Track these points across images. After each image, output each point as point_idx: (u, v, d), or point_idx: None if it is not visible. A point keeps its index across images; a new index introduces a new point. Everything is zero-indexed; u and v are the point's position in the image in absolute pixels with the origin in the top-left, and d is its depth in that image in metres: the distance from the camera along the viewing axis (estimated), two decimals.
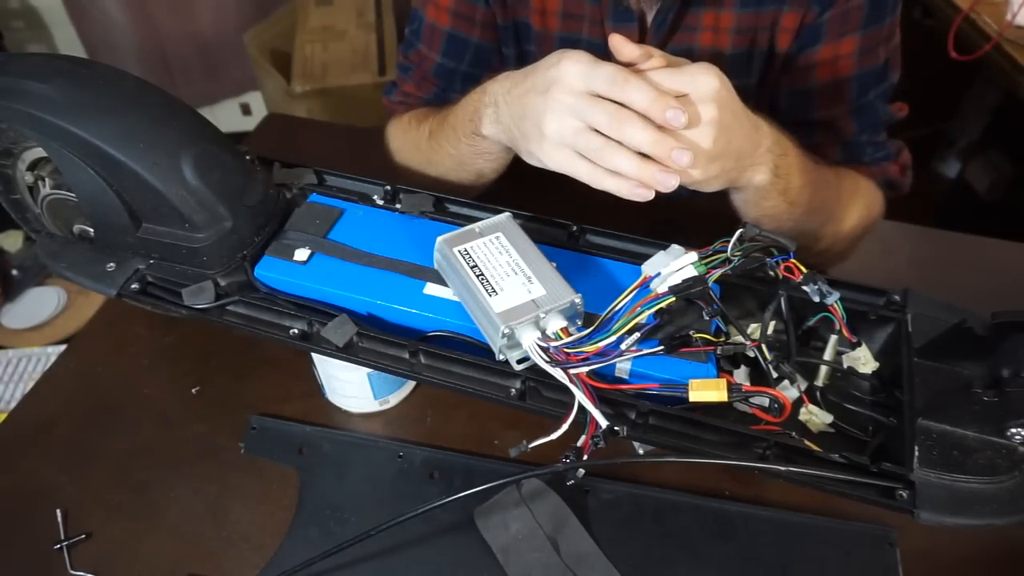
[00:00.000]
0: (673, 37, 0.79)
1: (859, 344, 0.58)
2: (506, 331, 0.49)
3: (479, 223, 0.56)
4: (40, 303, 1.78)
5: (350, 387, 0.66)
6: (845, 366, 0.58)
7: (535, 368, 0.50)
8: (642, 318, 0.49)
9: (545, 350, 0.49)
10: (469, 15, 0.83)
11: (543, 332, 0.50)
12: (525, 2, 0.82)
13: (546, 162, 0.57)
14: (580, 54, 0.55)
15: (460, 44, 0.84)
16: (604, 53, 0.83)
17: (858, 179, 0.77)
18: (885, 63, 0.78)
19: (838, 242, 0.76)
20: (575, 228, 0.63)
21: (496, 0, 0.83)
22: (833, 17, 0.74)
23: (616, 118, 0.53)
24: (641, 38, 0.81)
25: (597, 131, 0.54)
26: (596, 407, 0.47)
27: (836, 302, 0.54)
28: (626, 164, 0.54)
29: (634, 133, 0.53)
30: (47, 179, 0.62)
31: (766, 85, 0.81)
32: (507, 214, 0.58)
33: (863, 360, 0.58)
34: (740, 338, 0.53)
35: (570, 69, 0.55)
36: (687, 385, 0.50)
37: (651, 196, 0.55)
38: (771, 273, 0.55)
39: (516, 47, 0.87)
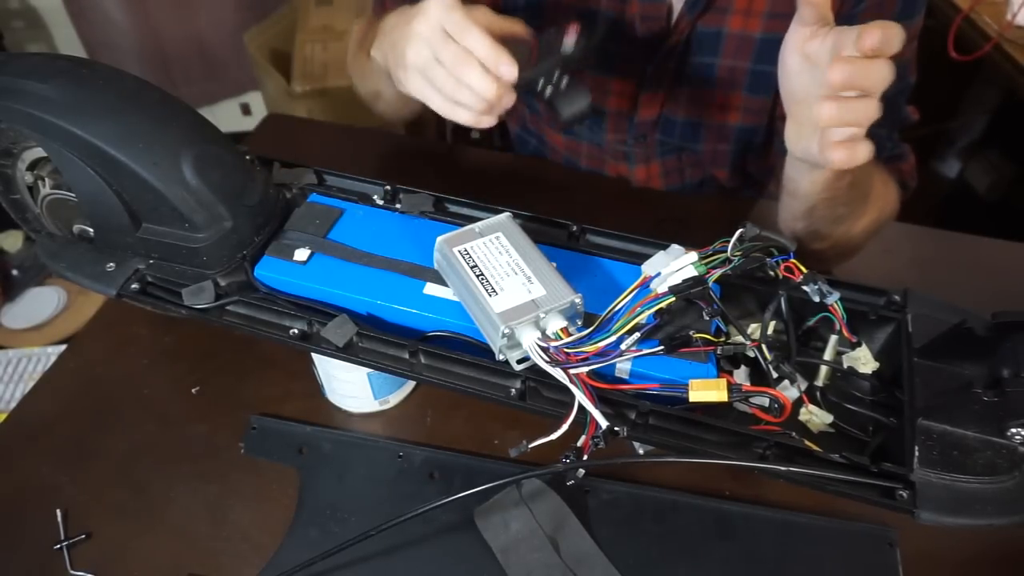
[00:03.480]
0: (703, 18, 0.79)
1: (859, 344, 0.58)
2: (506, 331, 0.49)
3: (479, 223, 0.56)
4: (40, 303, 1.78)
5: (350, 387, 0.66)
6: (845, 366, 0.58)
7: (535, 368, 0.50)
8: (642, 318, 0.49)
9: (545, 350, 0.49)
10: None
11: (543, 332, 0.50)
12: None
13: (407, 87, 0.63)
14: None
15: None
16: (623, 26, 0.83)
17: (885, 177, 0.77)
18: (908, 61, 0.77)
19: (851, 239, 0.75)
20: (575, 228, 0.63)
21: None
22: (868, 8, 0.74)
23: (458, 59, 0.58)
24: (668, 15, 0.81)
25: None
26: (596, 407, 0.47)
27: (836, 302, 0.54)
28: (468, 100, 0.59)
29: (471, 78, 0.58)
30: (47, 179, 0.62)
31: None
32: (507, 214, 0.58)
33: (863, 360, 0.58)
34: (740, 338, 0.53)
35: (433, 3, 0.60)
36: (687, 385, 0.50)
37: (493, 123, 0.62)
38: (771, 273, 0.55)
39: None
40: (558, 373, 0.49)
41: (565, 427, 0.49)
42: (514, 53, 0.60)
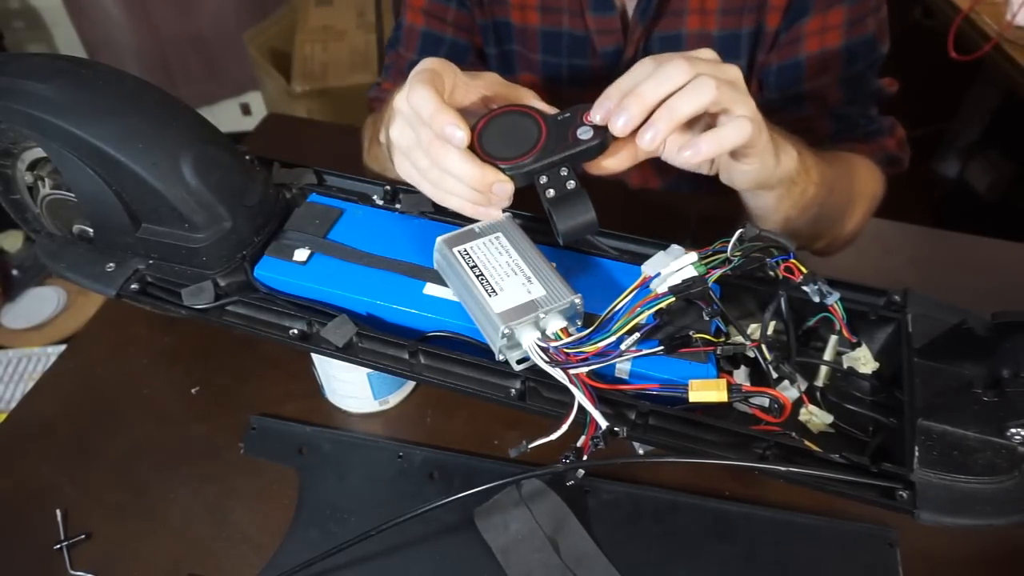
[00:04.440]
0: (659, 23, 0.79)
1: (859, 344, 0.58)
2: (506, 331, 0.49)
3: (479, 223, 0.56)
4: (40, 303, 1.78)
5: (350, 387, 0.66)
6: (845, 366, 0.58)
7: (535, 368, 0.50)
8: (642, 318, 0.49)
9: (545, 350, 0.49)
10: (441, 15, 0.84)
11: (543, 332, 0.50)
12: (503, 0, 0.82)
13: (397, 170, 0.55)
14: (430, 62, 0.52)
15: (435, 42, 0.85)
16: (586, 45, 0.83)
17: (855, 161, 0.76)
18: (873, 34, 0.77)
19: (845, 234, 0.76)
20: None
21: (473, 1, 0.84)
22: None
23: (433, 141, 0.50)
24: (623, 26, 0.81)
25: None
26: (596, 407, 0.47)
27: (836, 302, 0.54)
28: (456, 188, 0.51)
29: (449, 162, 0.50)
30: (47, 179, 0.62)
31: (754, 66, 0.81)
32: (507, 214, 0.57)
33: (863, 360, 0.58)
34: (740, 338, 0.53)
35: (413, 72, 0.52)
36: (687, 385, 0.50)
37: (499, 217, 0.53)
38: (771, 273, 0.54)
39: (498, 47, 0.87)
40: (558, 373, 0.49)
41: (565, 427, 0.49)
42: (514, 135, 0.52)
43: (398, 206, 0.65)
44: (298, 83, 1.84)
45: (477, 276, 0.52)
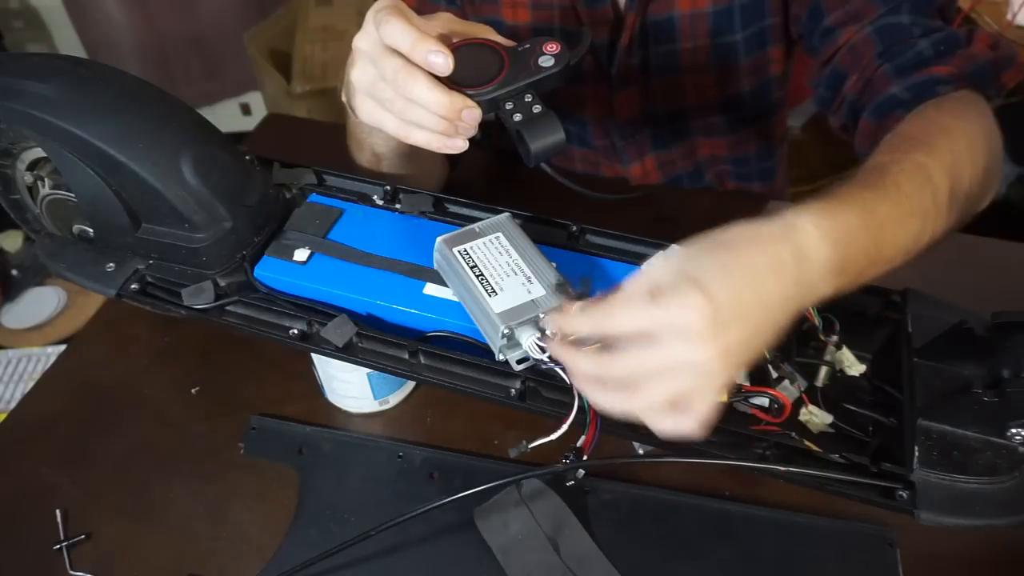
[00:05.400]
0: (649, 7, 0.78)
1: (841, 347, 0.57)
2: (506, 331, 0.49)
3: (479, 223, 0.56)
4: (40, 303, 1.78)
5: (350, 387, 0.66)
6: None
7: (535, 368, 0.50)
8: None
9: (544, 350, 0.49)
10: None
11: (543, 332, 0.50)
12: None
13: (360, 114, 0.56)
14: (386, 2, 0.53)
15: None
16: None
17: (929, 129, 0.60)
18: None
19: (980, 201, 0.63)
20: (575, 228, 0.63)
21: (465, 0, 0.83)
22: None
23: (401, 72, 0.51)
24: (615, 15, 0.80)
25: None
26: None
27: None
28: (423, 119, 0.52)
29: (418, 91, 0.51)
30: (47, 179, 0.62)
31: (769, 35, 0.80)
32: (507, 214, 0.58)
33: (848, 363, 0.57)
34: None
35: (370, 17, 0.53)
36: None
37: (464, 147, 0.54)
38: None
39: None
40: (558, 373, 0.49)
41: (565, 427, 0.49)
42: (477, 65, 0.53)
43: (398, 206, 0.65)
44: (298, 83, 1.84)
45: (477, 276, 0.52)
